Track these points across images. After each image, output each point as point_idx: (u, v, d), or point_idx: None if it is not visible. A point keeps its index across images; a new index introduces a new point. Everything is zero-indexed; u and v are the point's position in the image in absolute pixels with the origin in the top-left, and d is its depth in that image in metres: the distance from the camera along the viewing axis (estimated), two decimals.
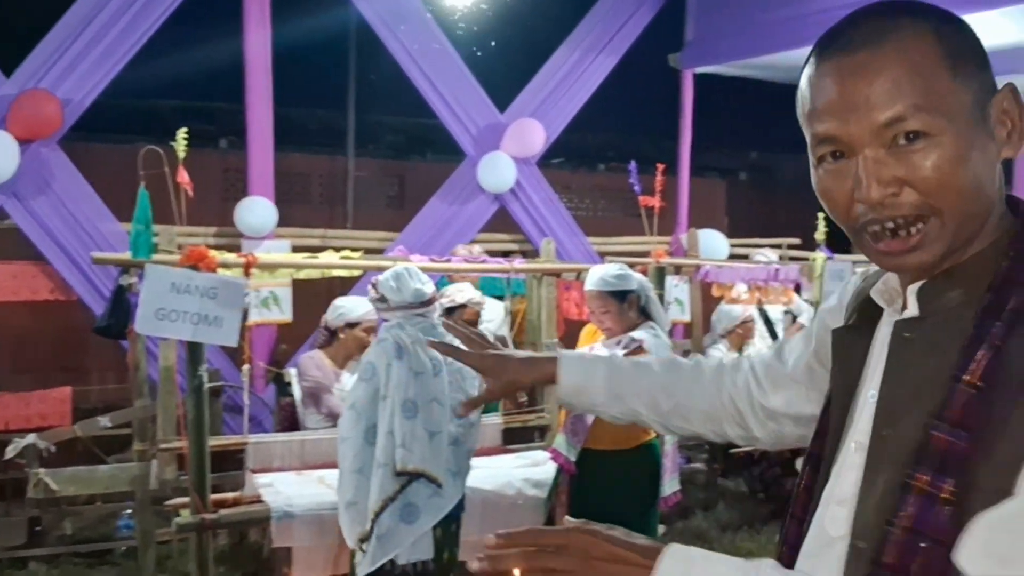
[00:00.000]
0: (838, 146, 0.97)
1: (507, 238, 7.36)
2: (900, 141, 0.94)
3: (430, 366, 3.39)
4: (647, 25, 7.56)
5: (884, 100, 0.93)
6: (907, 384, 0.99)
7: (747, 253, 7.89)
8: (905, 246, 0.96)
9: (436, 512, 3.34)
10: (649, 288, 3.86)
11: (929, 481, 0.91)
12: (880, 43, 0.95)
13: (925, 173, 0.93)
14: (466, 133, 6.94)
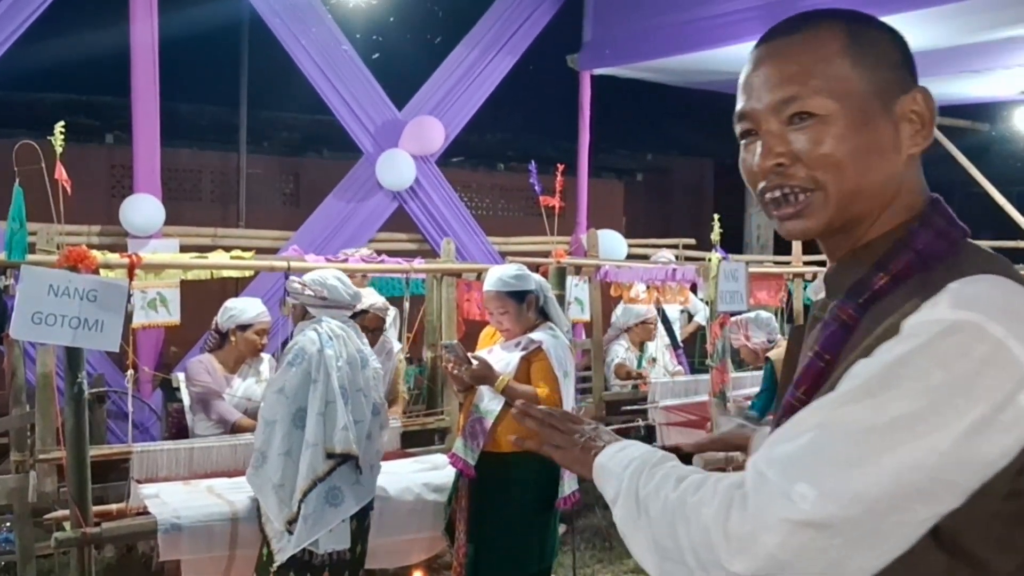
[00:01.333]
0: (749, 124, 1.09)
1: (405, 237, 7.28)
2: (795, 120, 1.04)
3: (358, 358, 3.50)
4: (546, 25, 7.58)
5: (782, 81, 1.05)
6: (797, 364, 1.10)
7: (645, 253, 8.01)
8: (792, 211, 1.06)
9: (358, 498, 3.42)
10: (547, 288, 3.84)
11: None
12: (790, 34, 1.07)
13: (812, 150, 1.03)
14: (363, 130, 6.83)
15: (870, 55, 1.05)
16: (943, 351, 0.90)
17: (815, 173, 1.04)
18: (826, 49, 1.05)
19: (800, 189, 1.05)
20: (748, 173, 1.10)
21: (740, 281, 4.88)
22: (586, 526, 5.85)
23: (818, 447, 0.91)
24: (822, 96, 1.03)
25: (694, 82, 8.32)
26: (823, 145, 1.03)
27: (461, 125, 7.21)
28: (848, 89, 1.03)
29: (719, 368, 4.83)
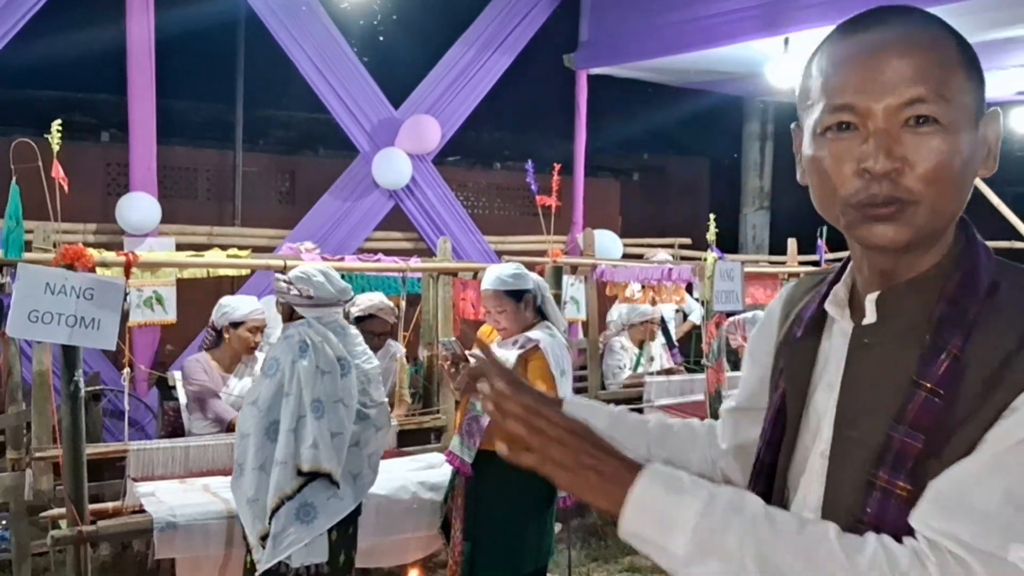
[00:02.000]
0: (852, 116, 0.99)
1: (402, 236, 7.28)
2: (911, 123, 0.97)
3: (336, 366, 3.35)
4: (543, 25, 7.58)
5: (910, 79, 0.96)
6: (865, 387, 1.03)
7: (641, 253, 8.01)
8: (886, 213, 0.98)
9: (333, 514, 3.31)
10: (545, 288, 3.85)
11: (887, 479, 0.97)
12: (912, 30, 0.99)
13: (927, 160, 0.96)
14: (360, 129, 6.83)
15: (976, 73, 1.01)
16: None
17: (922, 185, 0.97)
18: (948, 54, 0.98)
19: (902, 200, 0.98)
20: (835, 171, 1.01)
21: (736, 281, 4.89)
22: (581, 525, 5.85)
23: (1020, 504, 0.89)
24: (947, 103, 0.96)
25: (690, 82, 8.33)
26: (940, 155, 0.96)
27: (458, 124, 7.22)
28: (963, 102, 0.98)
29: (715, 368, 4.84)
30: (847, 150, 0.99)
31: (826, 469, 1.04)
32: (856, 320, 1.08)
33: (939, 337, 0.98)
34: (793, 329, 1.16)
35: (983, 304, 0.99)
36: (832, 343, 1.10)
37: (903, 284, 1.04)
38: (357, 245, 6.72)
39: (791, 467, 1.11)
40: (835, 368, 1.08)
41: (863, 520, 0.97)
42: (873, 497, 0.97)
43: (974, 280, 1.01)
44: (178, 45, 8.91)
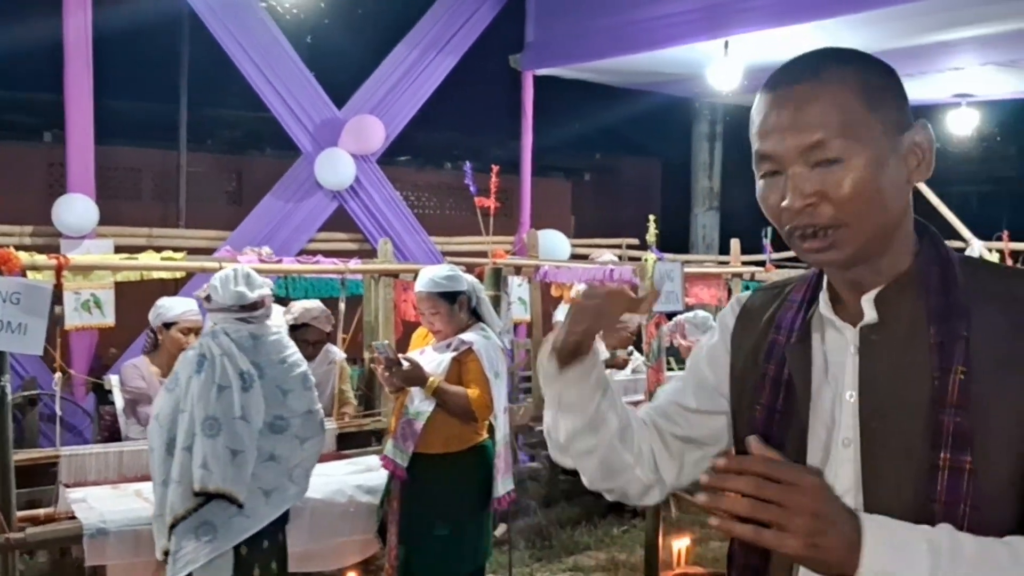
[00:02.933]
0: (773, 164, 1.15)
1: (346, 237, 7.23)
2: (821, 162, 1.11)
3: (238, 380, 3.23)
4: (489, 25, 7.57)
5: (809, 126, 1.11)
6: (883, 381, 1.15)
7: (589, 253, 8.05)
8: (823, 245, 1.13)
9: (237, 533, 3.20)
10: (480, 289, 3.84)
11: (951, 459, 1.08)
12: (811, 79, 1.13)
13: (839, 191, 1.10)
14: (302, 129, 6.76)
15: (879, 97, 1.13)
16: None
17: (841, 212, 1.11)
18: (844, 95, 1.11)
19: (828, 226, 1.12)
20: (772, 209, 1.16)
21: (676, 281, 4.91)
22: (526, 525, 5.86)
23: None
24: (845, 141, 1.10)
25: (635, 83, 8.38)
26: (848, 187, 1.10)
27: (402, 124, 7.18)
28: (866, 133, 1.11)
29: (654, 368, 4.87)
30: (774, 191, 1.15)
31: (856, 457, 1.15)
32: (849, 321, 1.20)
33: (945, 325, 1.12)
34: (776, 336, 1.26)
35: (964, 291, 1.14)
36: (827, 344, 1.22)
37: (892, 284, 1.18)
38: (300, 247, 6.66)
39: (802, 459, 1.20)
40: (842, 366, 1.19)
41: (935, 499, 1.08)
42: (942, 478, 1.08)
43: (951, 272, 1.16)
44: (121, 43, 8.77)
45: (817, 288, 1.26)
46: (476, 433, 3.73)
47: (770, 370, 1.26)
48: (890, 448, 1.13)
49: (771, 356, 1.26)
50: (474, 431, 3.72)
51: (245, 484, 3.21)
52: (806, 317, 1.25)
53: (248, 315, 3.34)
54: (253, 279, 3.39)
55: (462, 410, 3.58)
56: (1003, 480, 1.08)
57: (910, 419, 1.12)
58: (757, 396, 1.26)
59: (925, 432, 1.10)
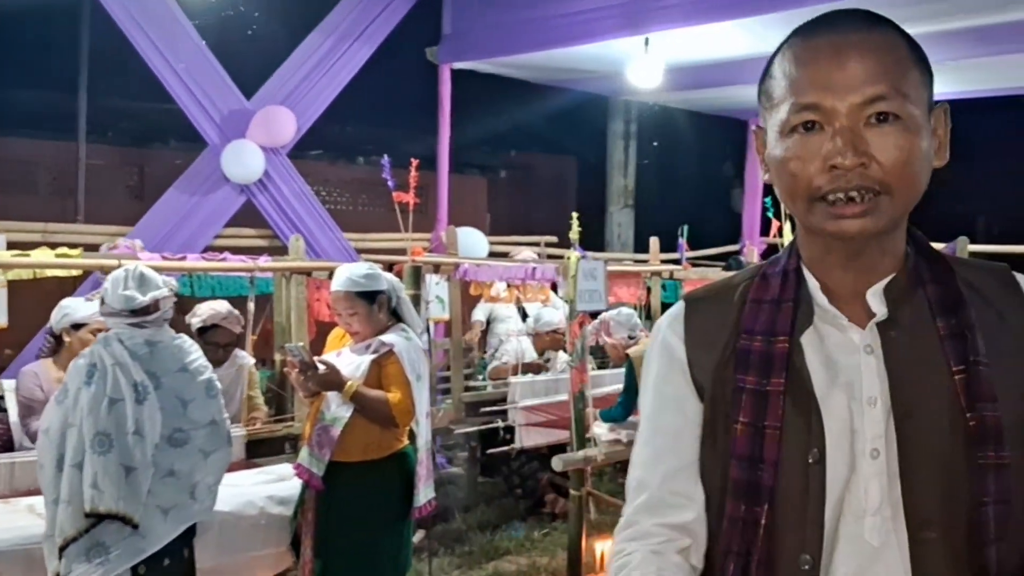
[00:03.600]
0: (818, 115, 1.05)
1: (254, 233, 6.94)
2: (873, 120, 1.03)
3: (131, 392, 2.99)
4: (405, 16, 7.38)
5: (871, 78, 1.03)
6: (910, 381, 1.07)
7: (507, 251, 7.94)
8: (858, 210, 1.04)
9: (132, 554, 2.97)
10: (400, 288, 3.67)
11: (996, 455, 1.04)
12: (869, 31, 1.05)
13: (891, 153, 1.03)
14: (208, 120, 6.46)
15: (927, 70, 1.08)
16: None
17: (889, 176, 1.04)
18: (902, 54, 1.06)
19: (872, 190, 1.04)
20: (801, 169, 1.06)
21: (599, 280, 4.83)
22: (445, 531, 5.72)
23: None
24: (905, 100, 1.04)
25: (553, 79, 8.30)
26: (901, 150, 1.03)
27: (315, 116, 6.93)
28: (919, 97, 1.06)
29: (578, 368, 4.77)
30: (814, 148, 1.05)
31: (890, 467, 1.06)
32: (852, 319, 1.10)
33: (953, 317, 1.08)
34: (749, 343, 1.13)
35: (963, 281, 1.11)
36: (830, 346, 1.11)
37: (897, 275, 1.11)
38: (206, 243, 6.36)
39: (821, 478, 1.09)
40: (855, 369, 1.08)
41: (987, 501, 1.03)
42: (990, 478, 1.03)
43: (942, 263, 1.12)
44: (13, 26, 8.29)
45: (799, 285, 1.14)
46: (396, 439, 3.56)
47: (748, 381, 1.11)
48: (928, 451, 1.06)
49: (747, 367, 1.12)
50: (395, 437, 3.54)
51: (140, 503, 2.97)
52: (793, 317, 1.12)
53: (141, 320, 3.09)
54: (147, 280, 3.13)
55: (382, 415, 3.41)
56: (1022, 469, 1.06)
57: (940, 418, 1.06)
58: (734, 412, 1.12)
59: (954, 430, 1.05)
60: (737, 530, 1.10)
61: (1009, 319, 1.10)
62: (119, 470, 2.92)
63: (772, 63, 1.12)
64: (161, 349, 3.13)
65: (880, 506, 1.06)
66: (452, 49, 7.47)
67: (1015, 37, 5.93)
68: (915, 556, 1.05)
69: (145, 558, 3.00)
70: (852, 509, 1.07)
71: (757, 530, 1.08)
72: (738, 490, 1.10)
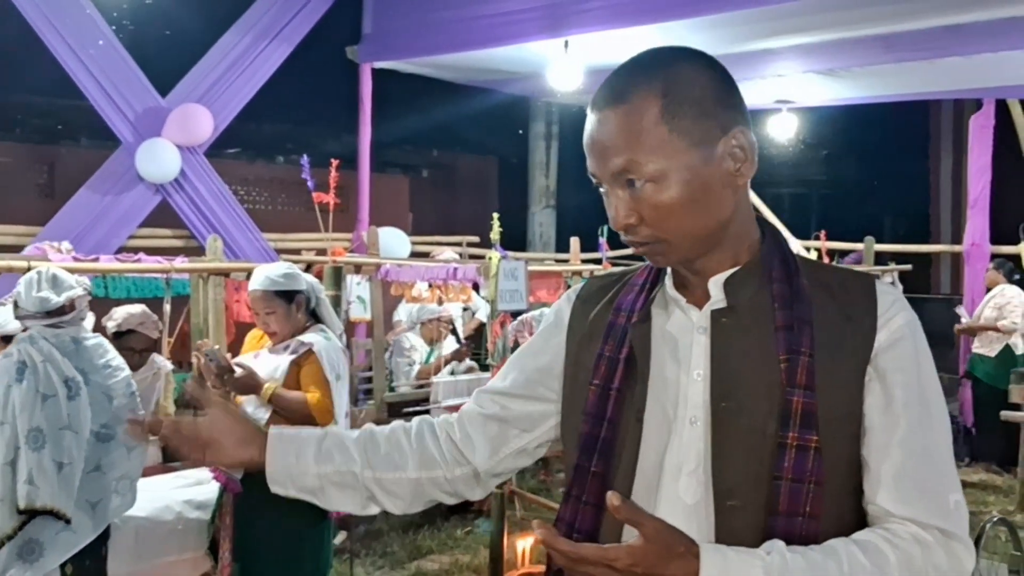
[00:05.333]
0: (596, 180, 1.22)
1: (171, 234, 6.80)
2: (632, 184, 1.17)
3: (63, 388, 2.99)
4: (325, 15, 7.30)
5: (615, 150, 1.17)
6: (734, 362, 1.19)
7: (428, 251, 7.94)
8: (650, 252, 1.22)
9: (65, 549, 2.98)
10: (319, 289, 3.65)
11: (798, 436, 1.14)
12: (616, 103, 1.18)
13: (651, 210, 1.17)
14: (121, 117, 6.30)
15: (686, 113, 1.16)
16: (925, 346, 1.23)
17: (657, 230, 1.18)
18: (646, 119, 1.15)
19: (648, 243, 1.19)
20: (610, 219, 1.21)
21: (520, 280, 4.88)
22: (368, 531, 5.70)
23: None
24: (649, 162, 1.15)
25: (474, 80, 8.32)
26: (659, 207, 1.16)
27: (232, 115, 6.80)
28: (670, 150, 1.15)
29: (499, 366, 4.81)
30: (609, 206, 1.22)
31: (706, 435, 1.18)
32: (695, 303, 1.24)
33: (791, 311, 1.19)
34: (616, 318, 1.28)
35: (803, 279, 1.22)
36: (672, 325, 1.25)
37: (740, 271, 1.23)
38: (119, 243, 6.20)
39: (637, 436, 1.23)
40: (689, 347, 1.22)
41: (781, 476, 1.14)
42: (788, 455, 1.14)
43: (790, 262, 1.24)
44: None
45: (660, 271, 1.30)
46: None
47: (607, 349, 1.27)
48: (739, 426, 1.17)
49: (608, 336, 1.28)
50: None
51: (72, 498, 2.99)
52: (648, 298, 1.28)
53: (58, 320, 3.09)
54: (60, 281, 3.13)
55: (301, 416, 3.39)
56: (843, 458, 1.17)
57: (758, 399, 1.17)
58: (591, 376, 1.28)
59: (772, 411, 1.16)
60: (576, 475, 1.26)
61: (855, 320, 1.20)
62: (52, 466, 2.92)
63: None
64: (85, 347, 3.16)
65: (696, 469, 1.19)
66: (372, 48, 7.43)
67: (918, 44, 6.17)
68: (720, 519, 1.16)
69: (71, 557, 3.02)
70: (672, 467, 1.20)
71: (588, 477, 1.24)
72: (583, 443, 1.26)
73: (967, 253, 8.55)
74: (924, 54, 6.23)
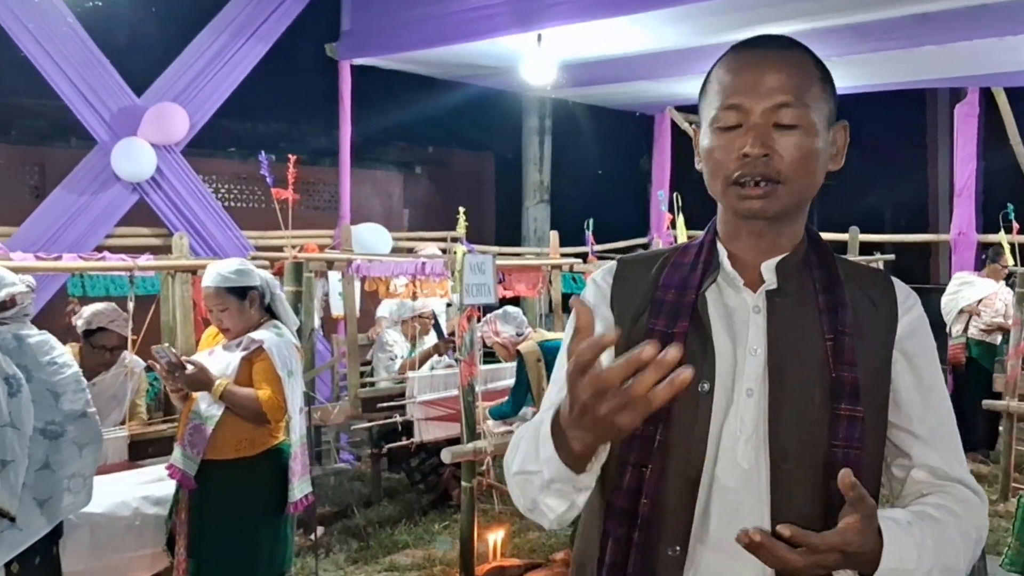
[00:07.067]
0: (738, 114, 1.28)
1: (149, 232, 6.82)
2: (781, 122, 1.27)
3: (3, 385, 2.96)
4: (305, 13, 7.30)
5: (780, 88, 1.27)
6: (787, 339, 1.30)
7: (413, 247, 7.95)
8: (759, 192, 1.28)
9: (10, 547, 2.96)
10: (275, 284, 3.66)
11: (848, 409, 1.26)
12: (786, 51, 1.31)
13: (790, 151, 1.27)
14: (96, 117, 6.33)
15: (830, 88, 1.33)
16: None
17: (787, 170, 1.27)
18: (811, 72, 1.30)
19: (771, 179, 1.27)
20: (723, 157, 1.29)
21: (487, 274, 4.87)
22: (345, 527, 5.72)
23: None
24: (806, 110, 1.27)
25: (455, 75, 8.32)
26: (799, 148, 1.27)
27: (209, 113, 6.81)
28: (820, 109, 1.29)
29: (467, 361, 4.81)
30: (732, 141, 1.28)
31: (761, 404, 1.28)
32: (748, 285, 1.34)
33: (832, 295, 1.32)
34: (664, 295, 1.35)
35: (842, 268, 1.36)
36: (729, 303, 1.34)
37: (790, 255, 1.34)
38: (96, 242, 6.24)
39: (699, 406, 1.29)
40: (745, 324, 1.32)
41: (836, 444, 1.25)
42: (841, 426, 1.25)
43: (828, 251, 1.37)
44: None
45: (711, 253, 1.38)
46: (271, 435, 3.56)
47: (658, 325, 1.33)
48: (793, 396, 1.27)
49: (659, 313, 1.34)
50: (269, 433, 3.54)
51: (17, 496, 2.95)
52: (703, 276, 1.35)
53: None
54: (3, 278, 3.10)
55: (252, 413, 3.41)
56: (877, 426, 1.31)
57: (808, 372, 1.28)
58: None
59: (821, 385, 1.27)
60: (636, 445, 1.28)
61: (881, 309, 1.35)
62: None
63: (711, 72, 1.35)
64: (28, 343, 3.12)
65: (751, 436, 1.28)
66: (351, 45, 7.44)
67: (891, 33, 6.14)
68: (775, 481, 1.26)
69: (17, 556, 2.99)
70: (730, 435, 1.29)
71: (652, 446, 1.28)
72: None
73: (954, 242, 8.52)
74: (898, 43, 6.20)
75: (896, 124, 15.75)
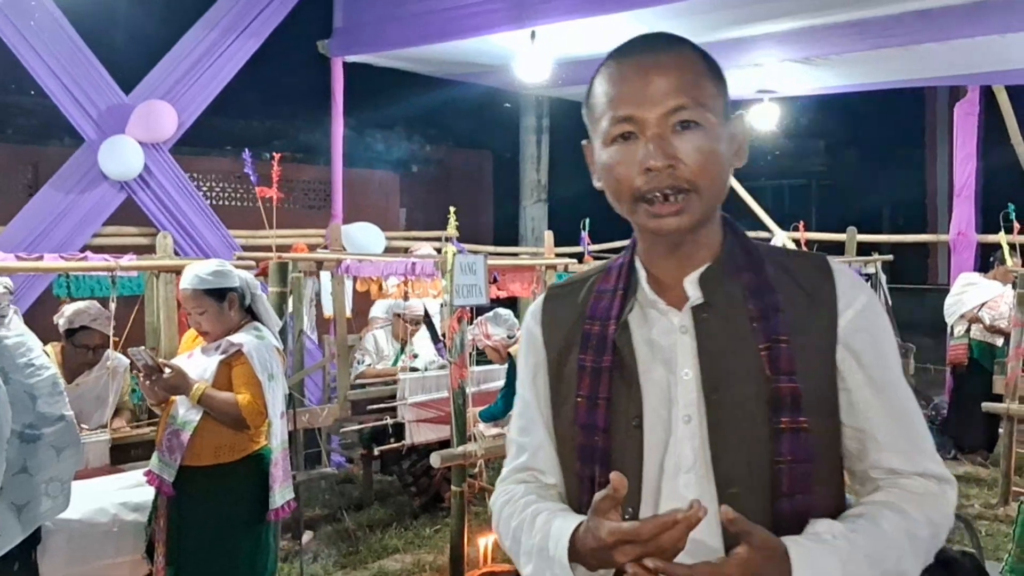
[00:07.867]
0: (632, 126, 1.21)
1: (137, 232, 6.74)
2: (678, 127, 1.20)
3: None
4: (296, 10, 7.20)
5: (673, 91, 1.20)
6: (719, 356, 1.23)
7: (407, 247, 7.87)
8: (672, 209, 1.21)
9: None
10: (255, 285, 3.57)
11: (790, 421, 1.20)
12: (670, 50, 1.23)
13: (693, 155, 1.19)
14: (83, 115, 6.24)
15: (721, 82, 1.25)
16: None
17: (695, 176, 1.19)
18: (701, 69, 1.23)
19: (681, 189, 1.20)
20: (624, 173, 1.22)
21: (478, 274, 4.79)
22: (335, 531, 5.64)
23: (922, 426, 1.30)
24: (703, 109, 1.20)
25: (448, 73, 8.23)
26: (703, 152, 1.19)
27: (199, 111, 6.72)
28: (716, 107, 1.22)
29: (457, 363, 4.74)
30: (631, 154, 1.21)
31: (699, 431, 1.22)
32: (672, 304, 1.27)
33: (762, 300, 1.24)
34: (591, 327, 1.30)
35: (773, 267, 1.27)
36: (653, 328, 1.27)
37: (712, 265, 1.27)
38: (84, 242, 6.16)
39: (640, 442, 1.25)
40: (672, 347, 1.25)
41: (781, 460, 1.19)
42: (784, 440, 1.19)
43: (755, 253, 1.28)
44: None
45: (630, 276, 1.31)
46: (251, 441, 3.47)
47: (588, 360, 1.29)
48: (733, 416, 1.21)
49: (586, 347, 1.29)
50: (249, 439, 3.46)
51: None
52: (624, 305, 1.29)
53: None
54: None
55: (231, 418, 3.33)
56: (824, 434, 1.23)
57: (745, 388, 1.21)
58: (576, 387, 1.29)
59: (759, 399, 1.20)
60: (584, 487, 1.27)
61: (818, 299, 1.26)
62: None
63: (593, 83, 1.27)
64: (6, 344, 3.05)
65: (694, 464, 1.22)
66: (343, 42, 7.35)
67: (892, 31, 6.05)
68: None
69: None
70: (671, 467, 1.23)
71: (594, 487, 1.23)
72: (582, 453, 1.28)
73: (953, 242, 8.43)
74: (898, 40, 6.11)
75: (895, 123, 15.69)
